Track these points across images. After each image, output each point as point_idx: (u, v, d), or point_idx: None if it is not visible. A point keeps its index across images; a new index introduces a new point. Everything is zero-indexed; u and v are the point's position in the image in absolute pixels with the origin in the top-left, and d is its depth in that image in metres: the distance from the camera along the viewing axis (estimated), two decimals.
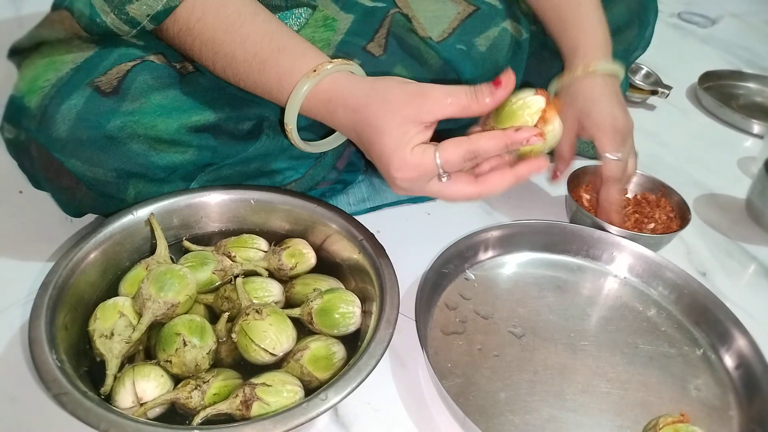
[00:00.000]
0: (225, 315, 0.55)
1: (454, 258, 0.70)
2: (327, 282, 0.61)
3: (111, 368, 0.50)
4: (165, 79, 0.60)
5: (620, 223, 0.74)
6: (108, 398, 0.49)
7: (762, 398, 0.58)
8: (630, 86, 1.08)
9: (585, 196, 0.81)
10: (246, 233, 0.65)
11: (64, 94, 0.56)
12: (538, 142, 0.51)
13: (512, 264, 0.73)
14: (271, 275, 0.62)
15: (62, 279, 0.53)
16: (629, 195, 0.83)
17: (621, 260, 0.73)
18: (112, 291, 0.58)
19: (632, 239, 0.73)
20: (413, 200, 0.81)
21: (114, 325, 0.52)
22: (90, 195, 0.60)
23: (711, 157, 1.02)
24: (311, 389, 0.51)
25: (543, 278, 0.72)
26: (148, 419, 0.48)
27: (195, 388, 0.49)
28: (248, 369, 0.53)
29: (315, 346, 0.53)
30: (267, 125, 0.65)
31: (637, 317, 0.68)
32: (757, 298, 0.74)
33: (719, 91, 1.21)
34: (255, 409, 0.48)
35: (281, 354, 0.53)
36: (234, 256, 0.62)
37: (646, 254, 0.72)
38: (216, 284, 0.60)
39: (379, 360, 0.50)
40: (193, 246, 0.63)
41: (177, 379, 0.51)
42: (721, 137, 1.09)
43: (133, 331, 0.52)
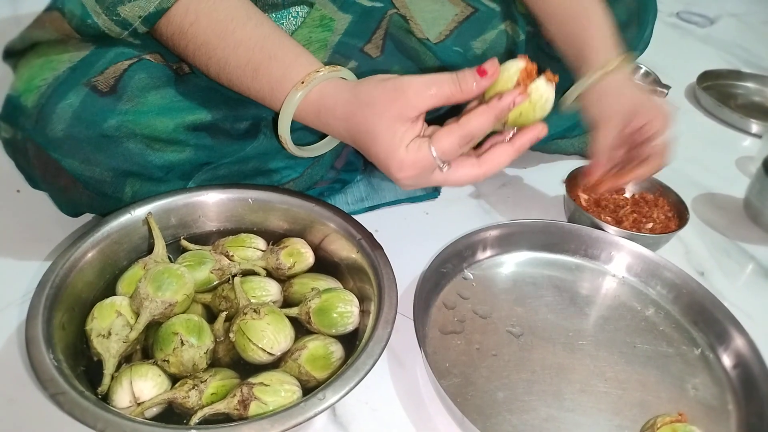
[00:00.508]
0: (223, 314, 0.55)
1: (453, 257, 0.70)
2: (325, 281, 0.61)
3: (108, 368, 0.50)
4: (161, 79, 0.60)
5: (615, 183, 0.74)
6: (105, 398, 0.49)
7: (759, 397, 0.58)
8: None
9: (583, 196, 0.81)
10: (244, 232, 0.65)
11: (61, 94, 0.56)
12: (523, 101, 0.51)
13: (510, 263, 0.73)
14: (269, 274, 0.62)
15: (59, 278, 0.53)
16: (627, 195, 0.83)
17: (619, 260, 0.73)
18: (110, 290, 0.57)
19: (630, 239, 0.73)
20: (411, 199, 0.81)
21: (111, 325, 0.52)
22: (87, 194, 0.60)
23: (709, 157, 1.02)
24: (309, 389, 0.50)
25: (541, 278, 0.72)
26: (146, 419, 0.48)
27: (192, 388, 0.49)
28: (246, 368, 0.53)
29: (313, 346, 0.53)
30: (264, 125, 0.65)
31: (636, 317, 0.68)
32: (755, 298, 0.74)
33: (718, 91, 1.21)
34: (253, 409, 0.48)
35: (279, 353, 0.53)
36: (232, 256, 0.62)
37: (645, 254, 0.72)
38: (214, 283, 0.60)
39: (377, 359, 0.50)
40: (191, 245, 0.63)
41: (174, 379, 0.51)
42: (720, 137, 1.09)
43: (131, 331, 0.52)
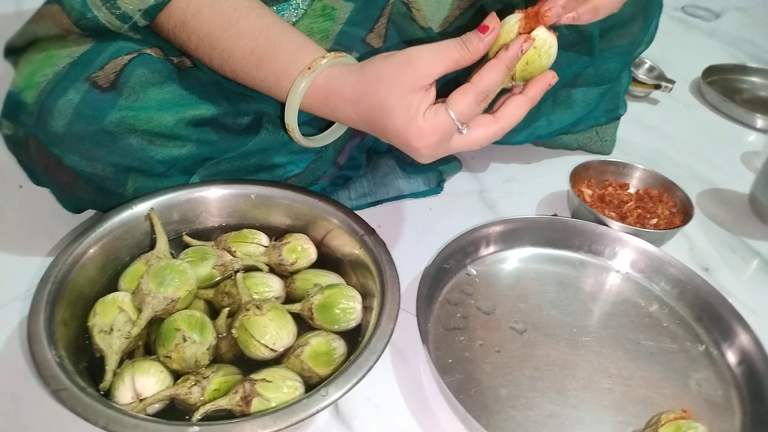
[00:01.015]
0: (225, 310, 0.55)
1: (456, 253, 0.69)
2: (328, 277, 0.61)
3: (110, 364, 0.50)
4: (162, 73, 0.59)
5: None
6: (107, 394, 0.49)
7: (764, 394, 0.58)
8: (633, 80, 1.07)
9: (587, 192, 0.80)
10: (246, 228, 0.64)
11: (61, 90, 0.55)
12: (530, 47, 0.52)
13: (514, 259, 0.73)
14: (272, 270, 0.62)
15: (62, 274, 0.53)
16: (631, 190, 0.83)
17: (623, 256, 0.73)
18: (112, 286, 0.57)
19: (635, 235, 0.72)
20: (414, 195, 0.81)
21: (113, 321, 0.52)
22: (89, 190, 0.60)
23: (714, 152, 1.01)
24: (312, 385, 0.50)
25: (545, 274, 0.72)
26: (148, 415, 0.48)
27: (195, 384, 0.49)
28: (248, 365, 0.53)
29: (315, 342, 0.53)
30: (266, 120, 0.65)
31: (640, 313, 0.68)
32: (760, 294, 0.74)
33: (723, 86, 1.20)
34: (255, 405, 0.48)
35: (281, 350, 0.53)
36: (234, 252, 0.62)
37: (649, 250, 0.72)
38: (216, 279, 0.60)
39: (380, 356, 0.49)
40: (193, 241, 0.63)
41: (177, 375, 0.51)
42: (725, 132, 1.09)
43: (133, 327, 0.52)
